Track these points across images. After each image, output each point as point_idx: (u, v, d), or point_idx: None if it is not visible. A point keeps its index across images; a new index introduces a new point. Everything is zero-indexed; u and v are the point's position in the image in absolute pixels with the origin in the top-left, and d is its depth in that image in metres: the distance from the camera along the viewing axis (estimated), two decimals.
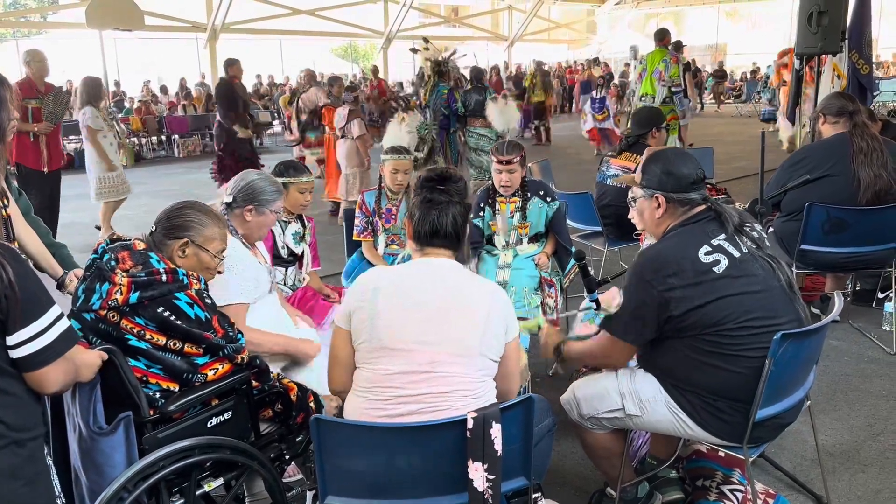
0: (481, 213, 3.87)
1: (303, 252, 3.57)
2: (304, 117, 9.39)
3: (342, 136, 7.77)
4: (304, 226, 3.58)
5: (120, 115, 15.27)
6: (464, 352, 1.97)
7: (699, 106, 10.83)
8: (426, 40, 9.14)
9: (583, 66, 21.59)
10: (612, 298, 2.80)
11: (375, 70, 16.75)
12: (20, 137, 6.44)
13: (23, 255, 1.69)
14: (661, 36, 8.93)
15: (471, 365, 1.99)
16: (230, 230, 2.74)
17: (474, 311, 2.01)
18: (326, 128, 8.59)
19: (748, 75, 24.21)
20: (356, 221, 4.09)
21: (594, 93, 12.76)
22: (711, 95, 23.05)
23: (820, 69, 6.73)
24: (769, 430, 2.33)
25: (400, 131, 4.44)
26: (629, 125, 5.14)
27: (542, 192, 3.88)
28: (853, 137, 3.94)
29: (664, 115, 4.98)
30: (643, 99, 8.88)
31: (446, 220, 2.08)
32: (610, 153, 4.87)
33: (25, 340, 1.61)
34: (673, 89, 8.78)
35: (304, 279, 3.56)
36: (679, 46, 9.57)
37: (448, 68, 8.89)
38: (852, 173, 3.89)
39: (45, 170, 6.60)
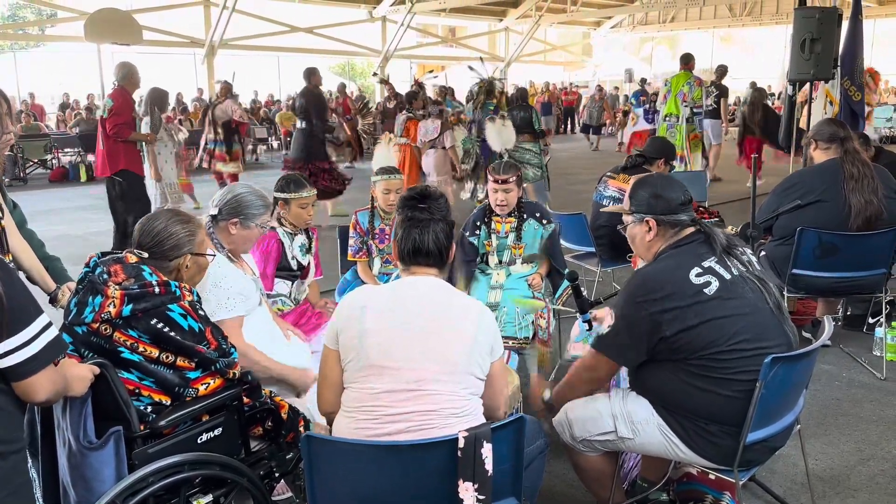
0: (477, 232, 3.89)
1: (308, 263, 3.59)
2: (213, 128, 9.51)
3: (432, 147, 8.28)
4: (309, 237, 3.61)
5: None
6: (451, 369, 1.98)
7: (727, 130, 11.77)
8: (482, 60, 9.86)
9: (541, 88, 21.78)
10: (605, 318, 2.81)
11: (342, 88, 16.55)
12: (127, 147, 6.62)
13: (11, 265, 1.69)
14: (686, 60, 9.33)
15: (458, 383, 1.99)
16: (215, 244, 2.74)
17: (461, 330, 2.02)
18: (406, 139, 9.06)
19: (741, 99, 24.40)
20: (350, 242, 4.09)
21: (646, 107, 14.89)
22: None
23: (812, 95, 6.81)
24: (759, 454, 2.34)
25: (388, 152, 4.47)
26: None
27: (537, 214, 3.90)
28: (844, 163, 3.97)
29: (675, 151, 5.05)
30: (667, 119, 9.27)
31: (428, 239, 2.09)
32: (609, 173, 4.90)
33: (13, 349, 1.60)
34: (695, 110, 9.21)
35: (305, 290, 3.58)
36: (723, 72, 10.57)
37: (495, 87, 9.67)
38: (843, 199, 3.92)
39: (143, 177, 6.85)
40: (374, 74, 12.85)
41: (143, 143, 7.05)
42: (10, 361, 1.60)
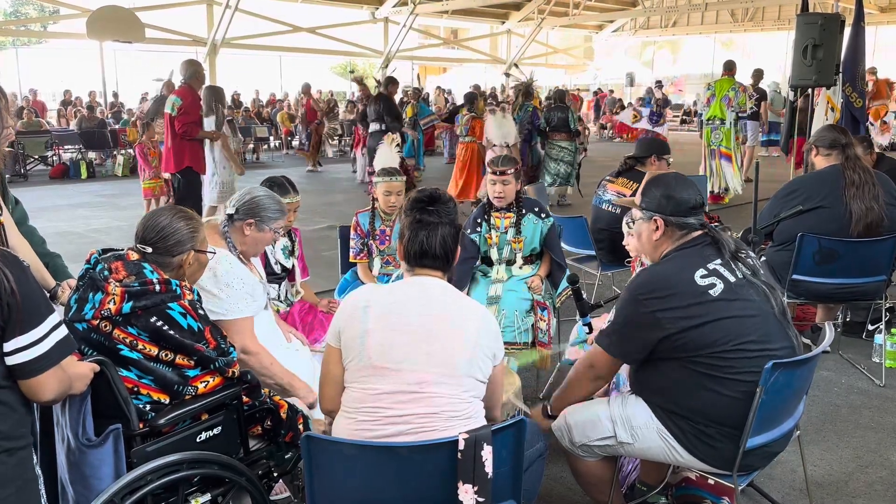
0: (478, 229, 3.90)
1: (293, 265, 3.58)
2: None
3: (496, 144, 8.63)
4: (292, 240, 3.60)
5: (117, 127, 15.26)
6: (452, 372, 1.97)
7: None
8: (516, 66, 10.57)
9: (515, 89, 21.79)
10: (605, 322, 2.80)
11: (307, 88, 16.09)
12: (192, 145, 6.79)
13: (26, 263, 1.69)
14: (729, 67, 9.76)
15: (459, 386, 1.98)
16: (229, 245, 2.74)
17: (463, 333, 2.02)
18: (471, 137, 9.62)
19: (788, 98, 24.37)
20: (351, 243, 4.09)
21: (653, 106, 15.88)
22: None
23: (814, 101, 6.82)
24: (759, 459, 2.33)
25: (391, 152, 4.46)
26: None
27: (536, 209, 3.92)
28: (845, 170, 3.98)
29: (666, 146, 5.13)
30: (710, 121, 9.62)
31: (435, 242, 2.08)
32: (608, 177, 4.94)
33: (23, 347, 1.61)
34: (740, 115, 9.68)
35: (297, 293, 3.57)
36: (760, 74, 11.41)
37: (533, 90, 10.43)
38: (844, 205, 3.92)
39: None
40: (351, 72, 12.94)
41: (209, 141, 7.19)
42: (21, 359, 1.62)
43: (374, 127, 8.98)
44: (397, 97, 13.10)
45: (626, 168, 4.87)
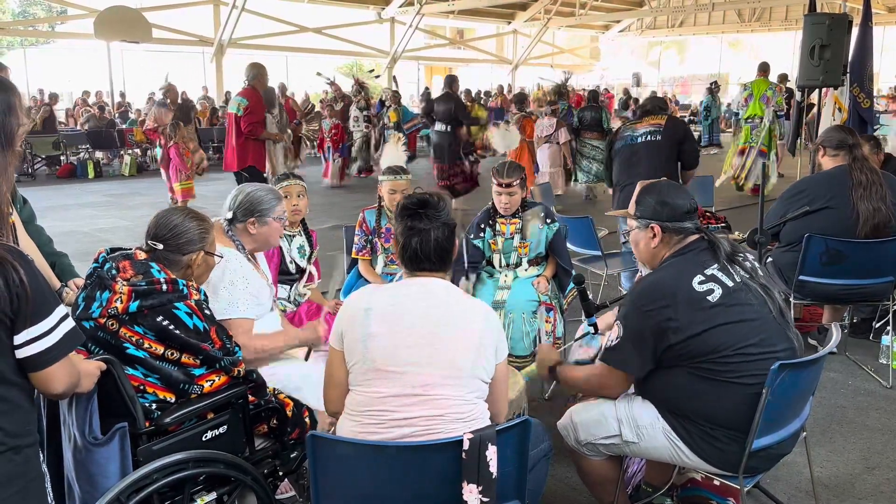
0: (481, 235, 3.89)
1: (307, 268, 3.59)
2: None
3: (546, 142, 9.06)
4: (309, 242, 3.60)
5: (124, 127, 15.28)
6: (456, 374, 1.97)
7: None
8: (552, 66, 11.01)
9: (496, 92, 21.48)
10: (610, 324, 2.80)
11: (283, 88, 15.78)
12: (255, 144, 7.05)
13: (29, 256, 1.70)
14: (764, 68, 10.17)
15: (463, 387, 1.98)
16: (237, 245, 2.74)
17: (466, 333, 2.01)
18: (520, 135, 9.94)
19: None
20: (355, 239, 4.10)
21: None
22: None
23: (821, 101, 6.80)
24: (765, 460, 2.33)
25: (397, 151, 4.46)
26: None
27: (542, 214, 3.90)
28: (853, 171, 3.96)
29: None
30: (749, 120, 9.95)
31: (429, 247, 2.06)
32: (630, 121, 5.13)
33: (33, 339, 1.62)
34: (778, 113, 10.04)
35: (304, 294, 3.58)
36: (784, 78, 12.18)
37: (567, 90, 10.84)
38: (851, 206, 3.90)
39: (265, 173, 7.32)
40: (318, 74, 13.04)
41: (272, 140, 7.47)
42: (31, 350, 1.63)
43: (440, 126, 9.23)
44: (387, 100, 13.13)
45: (647, 110, 5.12)
